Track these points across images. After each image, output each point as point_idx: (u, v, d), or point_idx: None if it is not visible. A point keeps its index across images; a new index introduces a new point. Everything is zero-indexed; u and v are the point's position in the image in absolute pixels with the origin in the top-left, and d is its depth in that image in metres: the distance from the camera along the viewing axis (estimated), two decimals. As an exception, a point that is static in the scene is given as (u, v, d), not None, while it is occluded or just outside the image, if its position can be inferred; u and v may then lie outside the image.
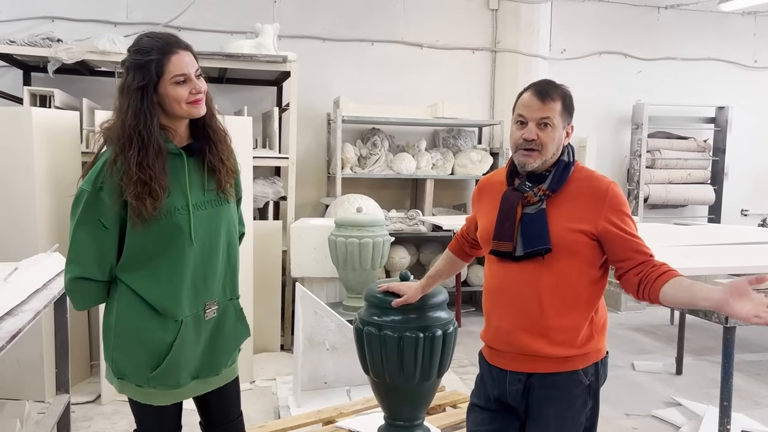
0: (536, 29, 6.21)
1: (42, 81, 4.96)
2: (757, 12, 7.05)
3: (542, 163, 1.80)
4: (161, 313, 1.82)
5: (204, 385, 1.97)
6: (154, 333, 1.82)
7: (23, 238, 3.60)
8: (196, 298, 1.88)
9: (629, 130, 6.84)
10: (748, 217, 7.23)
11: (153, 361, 1.82)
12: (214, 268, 1.90)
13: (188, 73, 1.77)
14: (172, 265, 1.81)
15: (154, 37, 1.78)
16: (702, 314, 2.76)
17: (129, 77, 1.75)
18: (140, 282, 1.81)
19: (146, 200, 1.71)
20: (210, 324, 1.93)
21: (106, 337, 1.86)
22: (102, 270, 1.80)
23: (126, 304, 1.81)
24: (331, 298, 4.71)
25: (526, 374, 1.83)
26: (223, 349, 1.98)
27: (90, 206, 1.74)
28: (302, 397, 3.44)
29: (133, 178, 1.70)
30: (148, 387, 1.84)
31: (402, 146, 6.06)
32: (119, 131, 1.74)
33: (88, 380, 4.01)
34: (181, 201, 1.81)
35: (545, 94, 1.78)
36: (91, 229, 1.75)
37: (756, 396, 4.05)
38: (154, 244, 1.79)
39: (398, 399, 2.33)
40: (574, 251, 1.76)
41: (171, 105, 1.77)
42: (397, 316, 2.19)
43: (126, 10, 5.48)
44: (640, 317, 6.10)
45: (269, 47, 4.84)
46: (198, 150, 1.87)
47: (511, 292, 1.83)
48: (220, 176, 1.90)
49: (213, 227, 1.89)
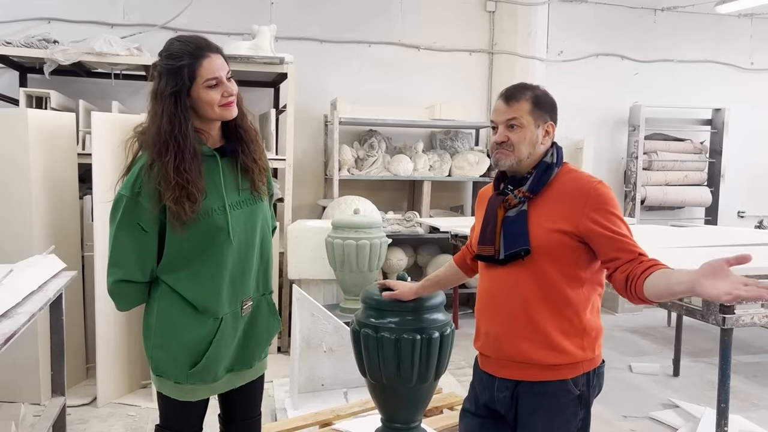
0: (533, 31, 6.22)
1: (38, 82, 4.94)
2: (753, 14, 7.07)
3: (517, 162, 1.81)
4: (202, 311, 1.86)
5: (237, 378, 2.01)
6: (194, 331, 1.86)
7: (19, 239, 3.58)
8: (235, 295, 1.92)
9: (626, 132, 6.85)
10: (744, 218, 7.25)
11: (192, 359, 1.86)
12: (250, 265, 1.95)
13: (220, 76, 1.80)
14: (213, 265, 1.85)
15: (185, 42, 1.80)
16: (699, 315, 2.76)
17: (162, 82, 1.77)
18: (182, 282, 1.85)
19: (185, 204, 1.74)
20: (245, 319, 1.98)
21: (146, 336, 1.90)
22: (143, 272, 1.84)
23: (167, 304, 1.86)
24: (329, 300, 4.71)
25: (514, 382, 1.82)
26: (256, 342, 2.03)
27: (129, 211, 1.78)
28: (299, 400, 3.44)
29: (171, 183, 1.73)
30: (186, 383, 1.88)
31: (399, 148, 6.06)
32: (155, 136, 1.77)
33: (84, 383, 3.99)
34: (218, 202, 1.85)
35: (510, 96, 1.82)
36: (131, 233, 1.79)
37: (753, 397, 4.06)
38: (193, 245, 1.82)
39: (395, 401, 2.33)
40: (556, 253, 1.75)
41: (204, 108, 1.80)
42: (395, 318, 2.19)
43: (123, 12, 5.47)
44: (638, 319, 6.10)
45: (266, 49, 4.83)
46: (231, 151, 1.91)
47: (497, 296, 1.83)
48: (254, 176, 1.94)
49: (249, 226, 1.93)
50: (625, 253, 1.70)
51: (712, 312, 2.67)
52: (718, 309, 2.63)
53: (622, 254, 1.70)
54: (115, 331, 3.76)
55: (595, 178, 1.81)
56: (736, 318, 2.63)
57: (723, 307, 2.61)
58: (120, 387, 3.81)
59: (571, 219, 1.74)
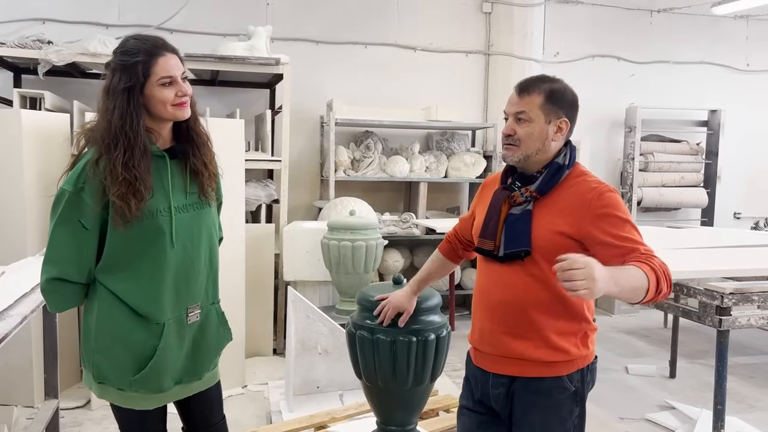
0: (529, 32, 6.21)
1: (32, 83, 4.92)
2: (749, 15, 7.08)
3: (524, 158, 1.76)
4: (143, 315, 1.80)
5: (186, 389, 1.96)
6: (137, 335, 1.80)
7: (11, 241, 3.56)
8: (178, 301, 1.87)
9: (622, 133, 6.85)
10: (740, 220, 7.25)
11: (136, 364, 1.81)
12: (196, 271, 1.90)
13: (174, 75, 1.78)
14: (153, 268, 1.80)
15: (141, 39, 1.78)
16: (695, 317, 2.76)
17: (115, 78, 1.75)
18: (121, 284, 1.79)
19: (131, 200, 1.71)
20: (193, 328, 1.94)
21: (86, 341, 1.84)
22: (80, 272, 1.78)
23: (107, 307, 1.80)
24: (324, 301, 4.69)
25: (509, 378, 1.80)
26: (205, 353, 1.98)
27: (70, 206, 1.73)
28: (294, 402, 3.42)
29: (118, 178, 1.70)
30: (130, 390, 1.82)
31: (395, 149, 6.05)
32: (104, 132, 1.74)
33: (78, 385, 3.97)
34: (164, 203, 1.81)
35: (524, 88, 1.77)
36: (71, 230, 1.74)
37: (750, 399, 4.05)
38: (135, 245, 1.78)
39: (391, 403, 2.31)
40: (556, 255, 1.66)
41: (156, 107, 1.78)
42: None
43: (118, 12, 5.45)
44: (634, 320, 6.10)
45: (262, 50, 4.82)
46: (181, 153, 1.88)
47: (494, 293, 1.81)
48: (203, 180, 1.91)
49: (195, 230, 1.89)
50: (629, 257, 1.61)
51: (708, 313, 2.66)
52: (714, 311, 2.63)
53: (625, 261, 1.61)
54: (109, 333, 3.74)
55: (604, 184, 1.74)
56: (732, 319, 2.63)
57: (720, 309, 2.61)
58: (114, 389, 3.79)
59: (574, 224, 1.70)
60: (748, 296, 2.64)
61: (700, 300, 2.70)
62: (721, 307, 2.60)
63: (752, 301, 2.66)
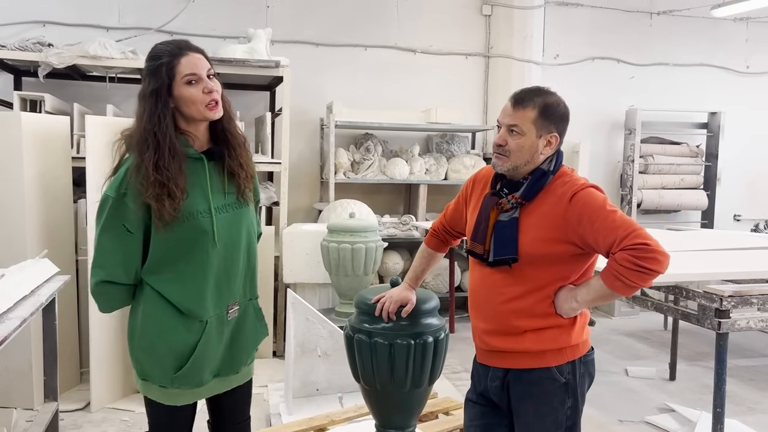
0: (529, 35, 6.22)
1: (33, 86, 4.93)
2: (749, 18, 7.09)
3: (513, 168, 1.82)
4: (186, 314, 1.86)
5: (224, 383, 2.01)
6: (179, 334, 1.86)
7: (11, 244, 3.56)
8: (220, 299, 1.92)
9: (622, 135, 6.85)
10: (740, 222, 7.25)
11: (177, 362, 1.86)
12: (235, 269, 1.95)
13: (199, 73, 1.81)
14: (197, 267, 1.85)
15: (166, 43, 1.85)
16: (695, 319, 2.76)
17: (144, 83, 1.82)
18: (165, 284, 1.84)
19: (165, 201, 1.74)
20: (231, 324, 1.98)
21: (131, 339, 1.90)
22: (127, 273, 1.83)
23: (151, 306, 1.85)
24: (324, 304, 4.69)
25: (503, 370, 1.89)
26: (243, 347, 2.03)
27: (114, 212, 1.78)
28: (294, 404, 3.42)
29: (150, 180, 1.73)
30: (172, 387, 1.88)
31: (395, 151, 6.05)
32: (138, 136, 1.78)
33: (77, 387, 3.97)
34: (203, 204, 1.85)
35: (519, 101, 1.81)
36: (116, 234, 1.79)
37: (749, 401, 4.05)
38: (178, 247, 1.83)
39: (389, 406, 2.31)
40: (543, 261, 1.79)
41: (187, 107, 1.81)
42: (388, 324, 2.17)
43: (118, 15, 5.46)
44: (634, 323, 6.09)
45: (262, 52, 4.83)
46: (218, 154, 1.91)
47: (484, 295, 1.90)
48: (240, 180, 1.95)
49: (234, 230, 1.93)
50: (614, 246, 1.70)
51: (707, 316, 2.66)
52: (713, 313, 2.63)
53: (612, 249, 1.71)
54: (108, 335, 3.74)
55: (580, 183, 1.80)
56: (731, 322, 2.62)
57: (719, 312, 2.61)
58: (114, 392, 3.79)
59: (559, 227, 1.77)
60: (747, 299, 2.64)
61: (699, 302, 2.70)
62: (721, 309, 2.59)
63: (751, 303, 2.65)
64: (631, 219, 1.75)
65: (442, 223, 2.19)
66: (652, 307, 3.12)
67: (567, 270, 1.82)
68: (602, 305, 6.32)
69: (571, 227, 1.74)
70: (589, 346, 1.91)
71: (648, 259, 1.65)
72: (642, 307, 3.18)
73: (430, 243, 2.22)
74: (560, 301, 1.81)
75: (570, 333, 1.84)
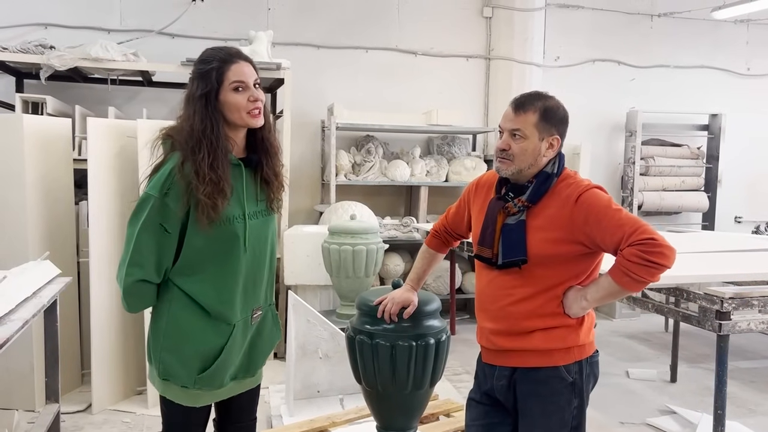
0: (530, 37, 6.23)
1: (34, 88, 4.93)
2: (749, 20, 7.10)
3: (517, 172, 1.86)
4: (214, 316, 1.89)
5: (240, 385, 2.05)
6: (206, 336, 1.88)
7: (13, 246, 3.57)
8: (246, 303, 1.96)
9: (623, 137, 6.85)
10: (741, 224, 7.25)
11: (202, 363, 1.88)
12: (261, 274, 2.00)
13: (246, 81, 1.85)
14: (228, 271, 1.89)
15: (217, 49, 1.89)
16: (695, 321, 2.76)
17: (193, 86, 1.84)
18: (196, 286, 1.87)
19: (217, 199, 1.78)
20: (253, 328, 2.02)
21: (154, 339, 1.91)
22: (159, 273, 1.86)
23: (179, 307, 1.87)
24: (325, 305, 4.69)
25: (510, 369, 1.91)
26: (260, 351, 2.08)
27: (155, 211, 1.79)
28: (295, 406, 3.42)
29: (205, 179, 1.77)
30: (193, 388, 1.89)
31: (396, 153, 6.06)
32: (187, 136, 1.81)
33: (79, 389, 3.98)
34: (238, 210, 1.89)
35: (520, 106, 1.85)
36: (154, 234, 1.81)
37: (750, 403, 4.05)
38: (211, 250, 1.85)
39: (391, 408, 2.31)
40: (552, 261, 1.82)
41: (231, 113, 1.84)
42: (390, 325, 2.17)
43: (120, 17, 5.47)
44: (635, 324, 6.09)
45: (263, 54, 4.83)
46: (256, 162, 1.95)
47: (492, 296, 1.92)
48: (272, 189, 1.99)
49: (262, 236, 1.98)
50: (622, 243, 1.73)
51: (708, 318, 2.66)
52: (714, 315, 2.63)
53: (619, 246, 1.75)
54: (110, 337, 3.75)
55: (585, 184, 1.84)
56: (732, 324, 2.62)
57: (719, 313, 2.61)
58: (115, 393, 3.79)
59: (566, 227, 1.80)
60: (748, 301, 2.64)
61: (700, 304, 2.70)
62: (721, 311, 2.60)
63: (752, 305, 2.66)
64: (636, 217, 1.78)
65: (443, 224, 2.23)
66: (652, 309, 3.12)
67: (575, 270, 1.84)
68: (603, 307, 6.33)
69: (578, 227, 1.77)
70: (594, 348, 1.94)
71: (655, 254, 1.68)
72: (643, 308, 3.19)
73: (431, 244, 2.25)
74: (569, 302, 1.83)
75: (578, 332, 1.87)
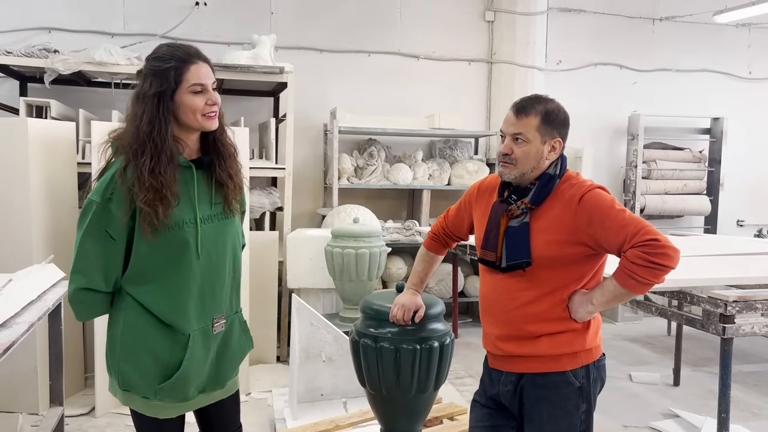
0: (532, 41, 6.24)
1: (38, 92, 4.95)
2: (751, 24, 7.10)
3: (520, 176, 1.85)
4: (169, 325, 1.81)
5: (209, 398, 1.97)
6: (163, 344, 1.81)
7: (18, 249, 3.58)
8: (204, 311, 1.87)
9: (625, 140, 6.85)
10: (744, 227, 7.25)
11: (161, 373, 1.81)
12: (221, 281, 1.91)
13: (206, 83, 1.78)
14: (179, 279, 1.81)
15: (174, 47, 1.80)
16: (699, 325, 2.76)
17: (146, 84, 1.75)
18: (147, 295, 1.80)
19: (158, 207, 1.70)
20: (218, 338, 1.94)
21: (111, 349, 1.84)
22: (107, 281, 1.78)
23: (133, 316, 1.80)
24: (328, 309, 4.70)
25: (517, 375, 1.90)
26: (229, 362, 1.99)
27: (98, 217, 1.73)
28: (298, 410, 3.42)
29: (145, 185, 1.69)
30: (154, 399, 1.82)
31: (399, 157, 6.06)
32: (132, 138, 1.73)
33: (82, 392, 3.98)
34: (189, 214, 1.81)
35: (521, 110, 1.84)
36: (98, 240, 1.74)
37: (754, 407, 4.04)
38: (161, 257, 1.78)
39: (395, 411, 2.32)
40: (556, 263, 1.81)
41: (186, 114, 1.77)
42: (394, 328, 2.18)
43: (123, 21, 5.49)
44: (638, 328, 6.08)
45: (266, 58, 4.85)
46: (208, 164, 1.87)
47: (497, 300, 1.91)
48: (228, 191, 1.90)
49: (220, 241, 1.89)
50: (625, 244, 1.73)
51: (712, 321, 2.66)
52: (718, 318, 2.63)
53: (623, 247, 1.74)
54: (113, 340, 3.74)
55: (587, 185, 1.84)
56: (736, 327, 2.62)
57: (723, 317, 2.61)
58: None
59: (570, 229, 1.80)
60: (751, 304, 2.64)
61: (703, 308, 2.70)
62: (725, 315, 2.60)
63: (756, 309, 2.65)
64: (639, 217, 1.77)
65: (442, 226, 2.22)
66: (656, 312, 3.12)
67: (579, 272, 1.84)
68: (606, 311, 6.31)
69: (582, 228, 1.77)
70: (601, 351, 1.94)
71: (659, 255, 1.69)
72: (646, 312, 3.19)
73: (430, 246, 2.26)
74: (575, 306, 1.83)
75: (584, 337, 1.87)
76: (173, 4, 5.55)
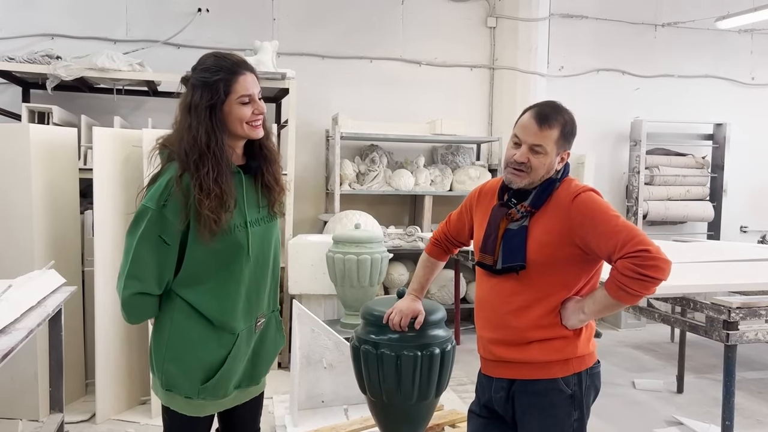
0: (534, 47, 6.24)
1: (41, 98, 4.96)
2: (753, 30, 7.10)
3: (530, 184, 1.85)
4: (218, 326, 1.87)
5: (244, 394, 2.03)
6: (209, 346, 1.87)
7: (19, 254, 3.58)
8: (250, 311, 1.94)
9: (627, 146, 6.85)
10: (747, 233, 7.22)
11: (205, 374, 1.87)
12: (264, 282, 1.98)
13: (253, 93, 1.83)
14: (231, 281, 1.87)
15: (221, 57, 1.84)
16: (702, 331, 2.74)
17: (196, 95, 1.79)
18: (199, 297, 1.85)
19: (221, 214, 1.77)
20: (257, 336, 2.00)
21: (156, 350, 1.89)
22: (159, 285, 1.84)
23: (182, 318, 1.85)
24: (329, 315, 4.68)
25: (508, 381, 1.89)
26: (264, 358, 2.06)
27: (152, 223, 1.77)
28: (299, 416, 3.41)
29: (210, 194, 1.75)
30: (197, 398, 1.88)
31: (400, 163, 6.06)
32: (190, 148, 1.77)
33: (83, 399, 3.97)
34: (240, 218, 1.86)
35: (544, 119, 1.80)
36: (153, 246, 1.79)
37: (758, 414, 4.01)
38: (214, 260, 1.84)
39: (396, 418, 2.30)
40: (550, 267, 1.80)
41: (233, 124, 1.82)
42: (395, 335, 2.17)
43: (125, 28, 5.50)
44: (641, 335, 6.06)
45: (268, 64, 4.86)
46: (255, 169, 1.94)
47: (491, 303, 1.90)
48: (273, 194, 1.98)
49: (265, 243, 1.96)
50: (615, 252, 1.72)
51: (715, 328, 2.64)
52: (721, 325, 2.61)
53: (613, 254, 1.73)
54: (114, 347, 3.74)
55: (581, 186, 1.84)
56: (740, 334, 2.61)
57: (727, 323, 2.59)
58: (119, 403, 3.78)
59: (563, 229, 1.79)
60: (755, 311, 2.62)
61: (707, 314, 2.69)
62: (729, 321, 2.58)
63: (760, 315, 2.63)
64: (632, 224, 1.76)
65: (444, 232, 2.22)
66: (659, 318, 3.10)
67: (572, 277, 1.83)
68: (608, 317, 6.30)
69: (574, 229, 1.77)
70: (595, 359, 1.91)
71: (649, 267, 1.66)
72: (649, 318, 3.17)
73: (432, 252, 2.25)
74: (568, 313, 1.81)
75: (576, 344, 1.85)
76: (176, 11, 5.57)
